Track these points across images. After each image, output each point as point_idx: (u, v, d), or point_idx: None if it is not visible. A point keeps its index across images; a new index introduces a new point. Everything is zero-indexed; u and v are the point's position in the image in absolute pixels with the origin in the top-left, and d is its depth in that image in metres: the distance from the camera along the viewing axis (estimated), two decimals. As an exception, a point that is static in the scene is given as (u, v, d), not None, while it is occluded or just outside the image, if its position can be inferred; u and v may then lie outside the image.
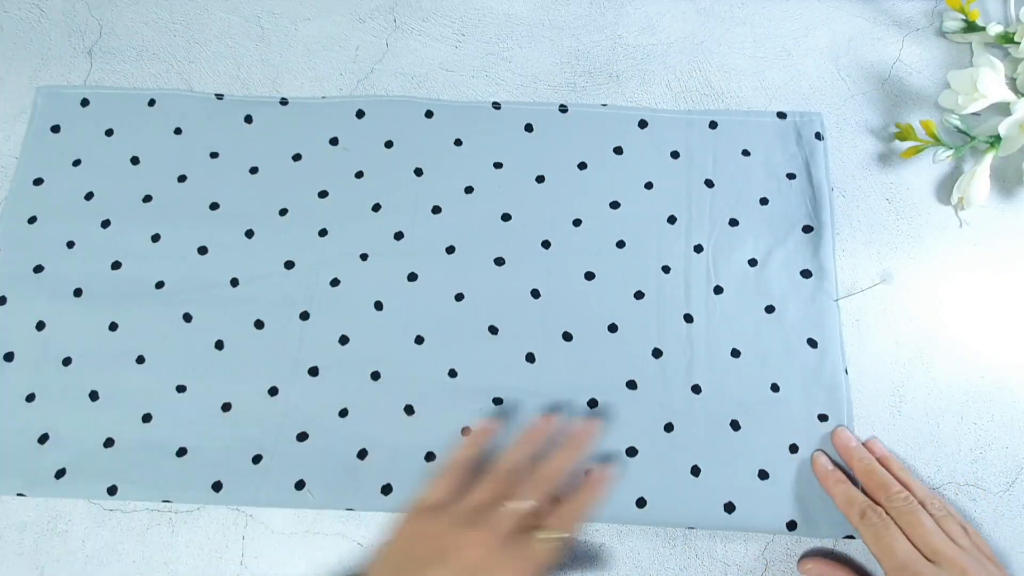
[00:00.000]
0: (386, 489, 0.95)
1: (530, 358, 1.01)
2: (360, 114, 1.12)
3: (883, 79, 1.16)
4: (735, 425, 0.98)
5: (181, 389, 1.00)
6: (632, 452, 0.97)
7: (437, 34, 1.19)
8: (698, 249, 1.04)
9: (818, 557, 0.95)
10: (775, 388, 0.99)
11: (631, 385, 1.00)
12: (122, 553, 0.96)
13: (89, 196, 1.08)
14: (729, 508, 0.94)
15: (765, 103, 1.14)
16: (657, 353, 1.00)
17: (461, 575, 0.78)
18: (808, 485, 0.95)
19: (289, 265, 1.04)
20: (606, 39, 1.19)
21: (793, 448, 0.97)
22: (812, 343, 1.01)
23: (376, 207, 1.07)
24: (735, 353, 1.00)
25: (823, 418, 0.98)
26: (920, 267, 1.05)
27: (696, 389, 0.99)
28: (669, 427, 0.98)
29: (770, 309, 1.01)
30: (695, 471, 0.96)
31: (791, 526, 0.94)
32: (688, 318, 1.02)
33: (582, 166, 1.09)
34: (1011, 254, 1.06)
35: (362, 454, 0.97)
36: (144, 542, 0.96)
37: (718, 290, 1.02)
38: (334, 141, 1.11)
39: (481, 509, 0.85)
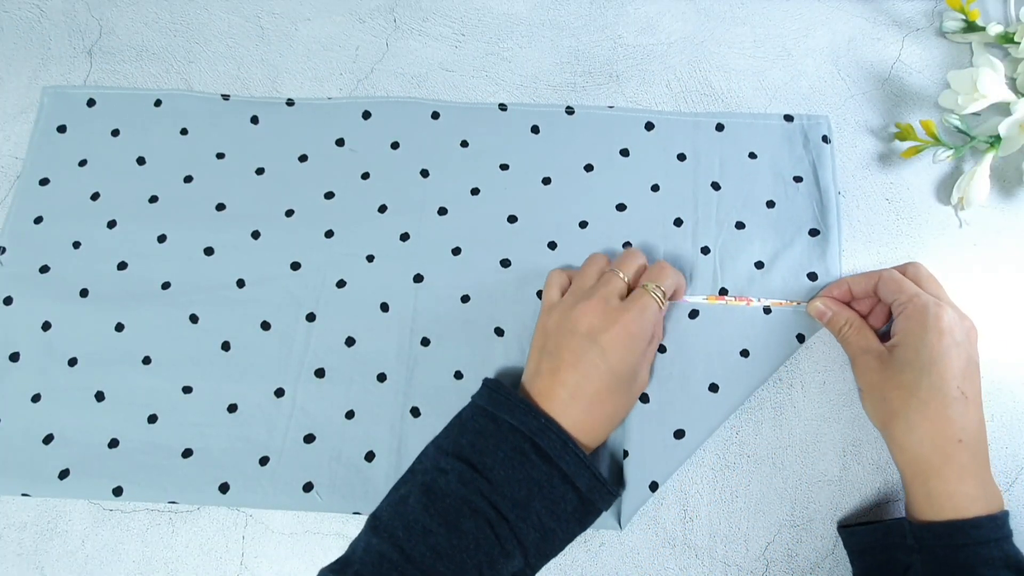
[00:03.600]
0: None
1: None
2: (366, 115, 1.12)
3: (883, 79, 1.16)
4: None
5: (187, 390, 1.00)
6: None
7: (437, 34, 1.19)
8: (705, 251, 1.04)
9: (826, 297, 1.00)
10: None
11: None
12: (122, 553, 0.96)
13: (95, 196, 1.08)
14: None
15: (765, 103, 1.14)
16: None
17: (588, 337, 0.88)
18: None
19: (295, 266, 1.04)
20: (606, 39, 1.19)
21: None
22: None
23: (382, 208, 1.07)
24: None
25: None
26: (920, 267, 1.05)
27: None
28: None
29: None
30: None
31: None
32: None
33: (588, 168, 1.09)
34: (1011, 254, 1.07)
35: (369, 456, 0.97)
36: (144, 542, 0.96)
37: (724, 292, 1.02)
38: (340, 142, 1.11)
39: (589, 286, 0.95)
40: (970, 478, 0.85)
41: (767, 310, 1.00)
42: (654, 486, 0.95)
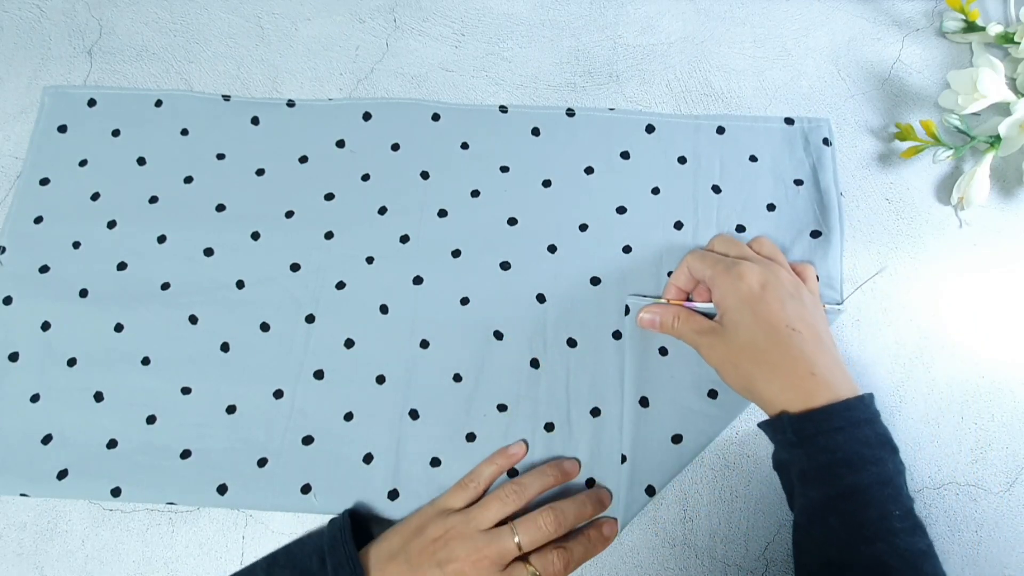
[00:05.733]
0: (392, 494, 0.96)
1: (534, 364, 1.01)
2: (367, 116, 1.12)
3: (883, 79, 1.16)
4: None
5: (186, 391, 1.00)
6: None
7: (437, 34, 1.19)
8: (705, 255, 1.04)
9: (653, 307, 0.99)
10: None
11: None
12: (122, 553, 0.96)
13: (95, 197, 1.08)
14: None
15: (765, 103, 1.14)
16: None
17: None
18: None
19: (295, 267, 1.05)
20: (606, 39, 1.19)
21: None
22: None
23: (382, 210, 1.07)
24: None
25: None
26: (920, 267, 1.06)
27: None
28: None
29: None
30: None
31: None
32: None
33: (589, 171, 1.09)
34: (1011, 254, 1.07)
35: (367, 458, 0.97)
36: (144, 542, 0.96)
37: None
38: (340, 143, 1.11)
39: (485, 527, 0.90)
40: (826, 390, 0.84)
41: None
42: (651, 490, 0.95)
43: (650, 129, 1.11)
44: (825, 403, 0.83)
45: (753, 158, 1.10)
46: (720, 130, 1.12)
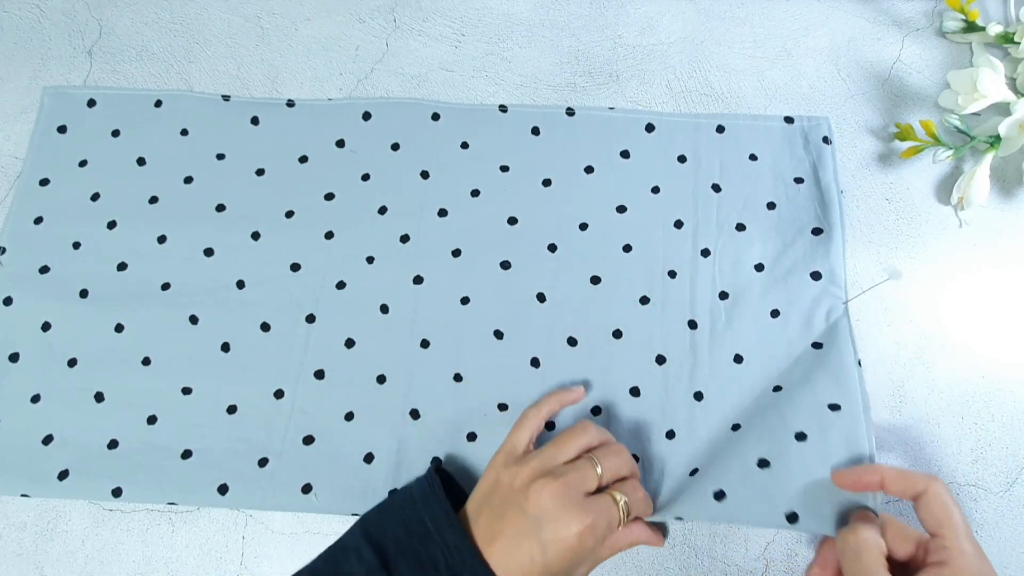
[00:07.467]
0: (393, 494, 0.95)
1: (535, 363, 1.01)
2: (367, 116, 1.12)
3: (883, 79, 1.16)
4: (735, 429, 0.97)
5: (187, 391, 1.00)
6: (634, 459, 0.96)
7: (437, 34, 1.19)
8: (705, 254, 1.04)
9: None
10: (777, 390, 0.98)
11: (634, 392, 0.99)
12: (122, 553, 0.95)
13: (95, 197, 1.08)
14: (719, 496, 0.89)
15: (765, 103, 1.14)
16: (660, 360, 1.00)
17: (534, 522, 0.82)
18: (814, 474, 0.88)
19: (295, 267, 1.04)
20: (606, 39, 1.19)
21: (800, 436, 0.92)
22: (817, 345, 1.00)
23: (382, 210, 1.07)
24: (738, 359, 1.00)
25: (834, 407, 0.94)
26: (920, 267, 1.06)
27: (698, 396, 0.99)
28: (671, 434, 0.97)
29: (775, 313, 1.01)
30: (693, 473, 0.95)
31: (791, 518, 0.87)
32: (692, 324, 1.01)
33: (589, 170, 1.09)
34: (1011, 254, 1.07)
35: (368, 458, 0.97)
36: (144, 542, 0.96)
37: (723, 295, 1.02)
38: (340, 143, 1.11)
39: (561, 461, 0.87)
40: None
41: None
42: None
43: (650, 128, 1.11)
44: None
45: (753, 157, 1.10)
46: (720, 129, 1.12)
